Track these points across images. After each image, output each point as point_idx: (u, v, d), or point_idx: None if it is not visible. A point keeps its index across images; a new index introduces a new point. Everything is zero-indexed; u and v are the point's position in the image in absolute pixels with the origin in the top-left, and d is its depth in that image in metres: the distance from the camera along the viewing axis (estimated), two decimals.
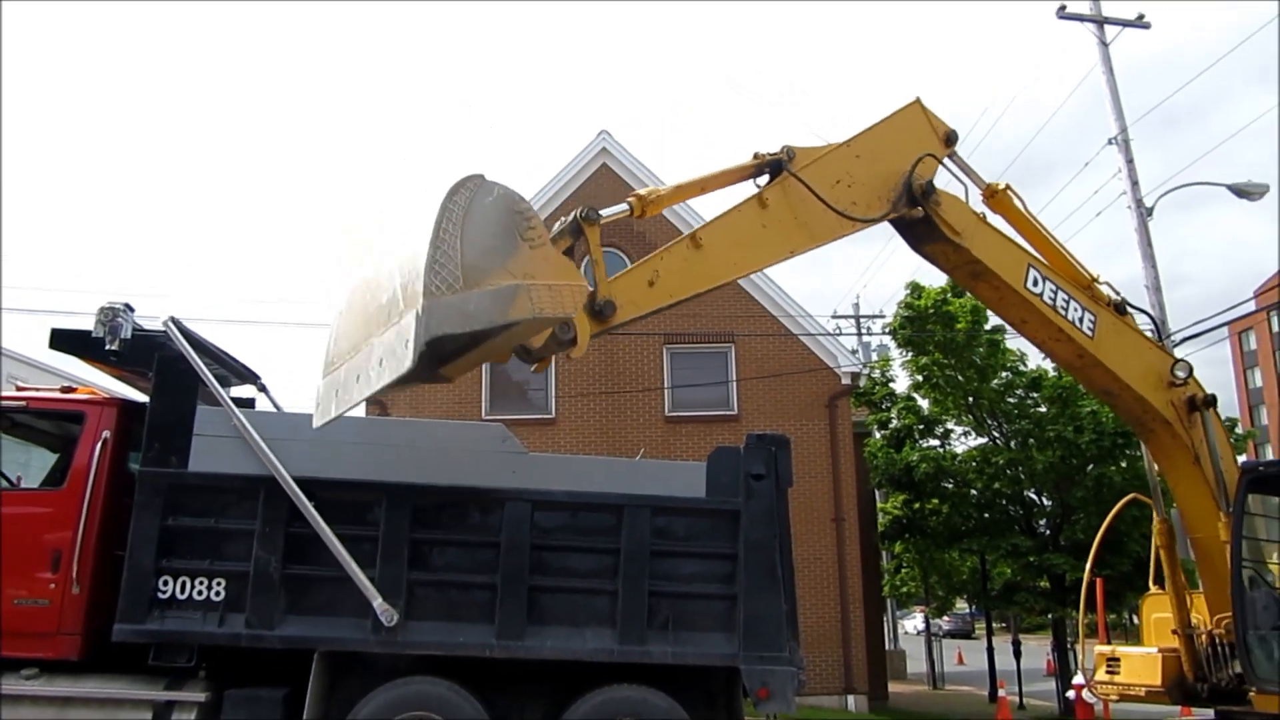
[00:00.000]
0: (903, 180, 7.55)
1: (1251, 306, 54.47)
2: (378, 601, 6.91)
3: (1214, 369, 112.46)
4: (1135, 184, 17.47)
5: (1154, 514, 9.27)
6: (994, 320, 19.80)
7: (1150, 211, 17.36)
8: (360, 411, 19.26)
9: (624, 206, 6.63)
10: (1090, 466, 18.69)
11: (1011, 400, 20.14)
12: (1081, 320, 8.40)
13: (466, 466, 7.48)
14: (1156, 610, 9.59)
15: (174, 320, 7.45)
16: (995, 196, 8.35)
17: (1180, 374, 8.98)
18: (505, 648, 7.04)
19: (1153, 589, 9.93)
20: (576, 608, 7.21)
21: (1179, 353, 17.43)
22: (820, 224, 7.29)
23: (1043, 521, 20.66)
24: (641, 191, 6.90)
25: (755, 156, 7.28)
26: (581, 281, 5.73)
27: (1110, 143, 17.82)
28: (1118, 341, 8.65)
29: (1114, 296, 8.81)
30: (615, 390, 19.34)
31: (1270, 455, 62.20)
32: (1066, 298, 8.36)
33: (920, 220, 7.70)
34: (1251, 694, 8.29)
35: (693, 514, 7.40)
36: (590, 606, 7.21)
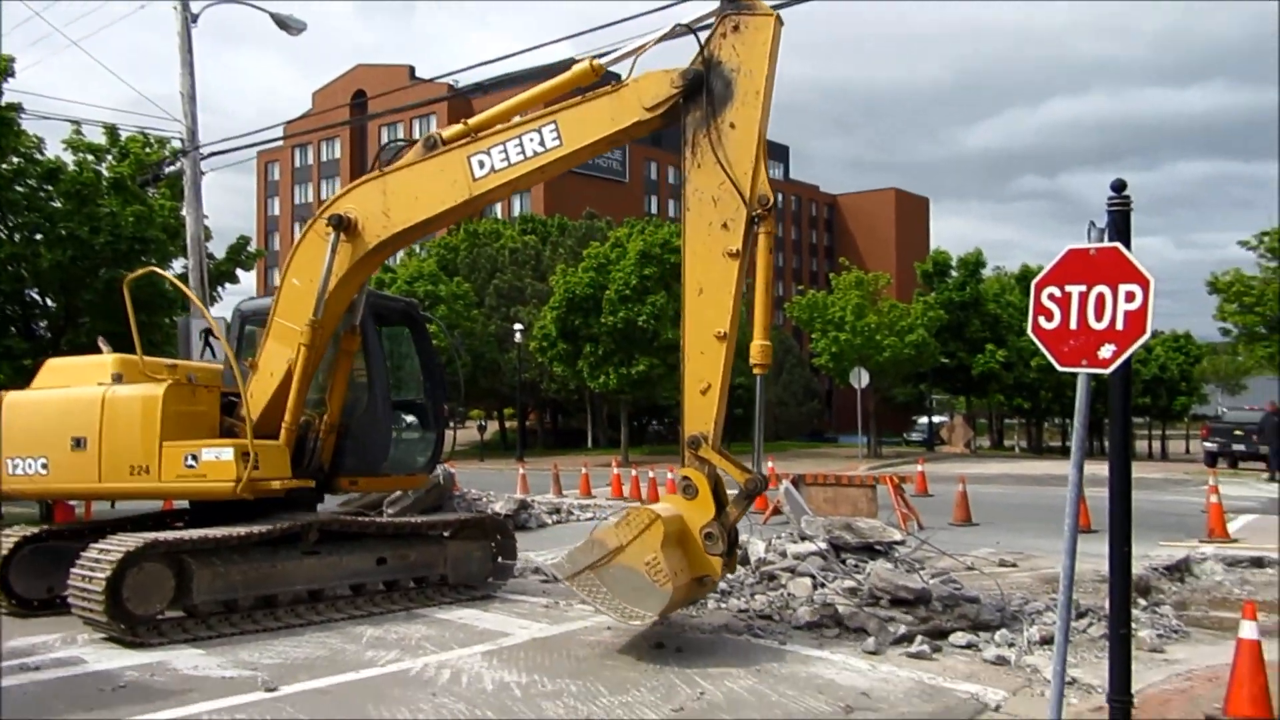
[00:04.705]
0: None
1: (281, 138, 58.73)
2: None
3: (239, 197, 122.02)
4: None
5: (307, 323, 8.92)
6: (10, 95, 17.43)
7: (195, 19, 17.08)
8: None
9: None
10: (103, 270, 17.96)
11: (21, 190, 18.08)
12: None
13: None
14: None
15: None
16: None
17: None
18: None
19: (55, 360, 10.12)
20: None
21: (205, 166, 17.80)
22: None
23: (44, 324, 19.30)
24: None
25: None
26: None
27: None
28: None
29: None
30: None
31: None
32: None
33: None
34: (362, 478, 9.95)
35: None
36: None
